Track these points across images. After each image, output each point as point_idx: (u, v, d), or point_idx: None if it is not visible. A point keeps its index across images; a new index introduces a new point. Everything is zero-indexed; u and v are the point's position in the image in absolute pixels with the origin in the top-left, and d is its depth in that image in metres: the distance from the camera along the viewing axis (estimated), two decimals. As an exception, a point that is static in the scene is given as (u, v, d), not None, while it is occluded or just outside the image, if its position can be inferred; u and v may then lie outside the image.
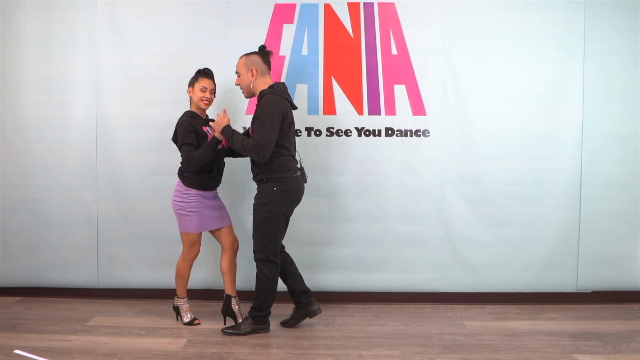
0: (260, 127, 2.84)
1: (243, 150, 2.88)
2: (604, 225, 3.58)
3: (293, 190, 3.00)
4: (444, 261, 3.60)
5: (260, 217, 2.95)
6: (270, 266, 2.98)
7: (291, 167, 3.00)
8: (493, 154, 3.56)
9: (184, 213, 3.08)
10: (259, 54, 3.03)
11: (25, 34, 3.59)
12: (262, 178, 2.96)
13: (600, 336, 3.05)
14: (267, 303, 3.03)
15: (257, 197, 3.00)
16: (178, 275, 3.18)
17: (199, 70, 3.15)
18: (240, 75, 3.02)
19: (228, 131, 2.94)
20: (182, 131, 3.03)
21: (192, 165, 3.00)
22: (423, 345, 2.91)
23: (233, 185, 3.59)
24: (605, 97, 3.55)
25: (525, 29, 3.52)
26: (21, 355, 2.72)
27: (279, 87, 3.01)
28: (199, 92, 3.10)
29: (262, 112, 2.86)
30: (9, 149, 3.64)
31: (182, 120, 3.07)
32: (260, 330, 3.06)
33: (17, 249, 3.65)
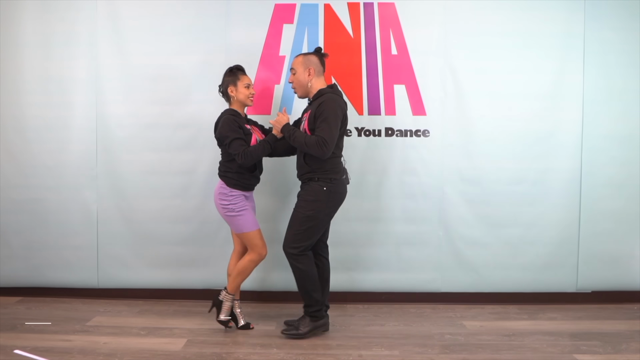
0: (324, 124, 2.85)
1: (305, 146, 2.86)
2: (604, 225, 3.58)
3: (339, 192, 3.00)
4: (444, 261, 3.60)
5: (303, 213, 2.93)
6: (302, 259, 2.95)
7: (341, 169, 3.02)
8: (493, 154, 3.56)
9: (234, 214, 3.00)
10: (316, 55, 3.03)
11: (25, 34, 3.59)
12: (313, 177, 2.94)
13: (600, 336, 3.05)
14: (314, 296, 2.98)
15: (303, 194, 2.98)
16: (239, 273, 3.04)
17: (236, 69, 3.09)
18: (297, 73, 3.00)
19: (289, 128, 2.95)
20: (228, 128, 2.95)
21: (247, 159, 2.93)
22: (423, 345, 2.91)
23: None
24: (605, 97, 3.55)
25: (525, 29, 3.53)
26: (21, 355, 2.72)
27: (337, 88, 3.06)
28: (245, 90, 3.05)
29: (326, 110, 2.86)
30: (9, 149, 3.64)
31: (226, 118, 2.99)
32: (319, 328, 3.02)
33: (17, 249, 3.65)
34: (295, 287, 3.37)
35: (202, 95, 3.56)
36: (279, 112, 3.06)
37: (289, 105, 3.55)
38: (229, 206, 3.00)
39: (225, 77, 3.09)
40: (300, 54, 3.07)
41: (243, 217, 3.01)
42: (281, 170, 3.52)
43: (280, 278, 3.58)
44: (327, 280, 3.14)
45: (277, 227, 3.50)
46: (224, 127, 2.97)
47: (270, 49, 3.53)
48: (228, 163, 3.04)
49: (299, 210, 2.96)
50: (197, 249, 3.61)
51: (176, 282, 3.63)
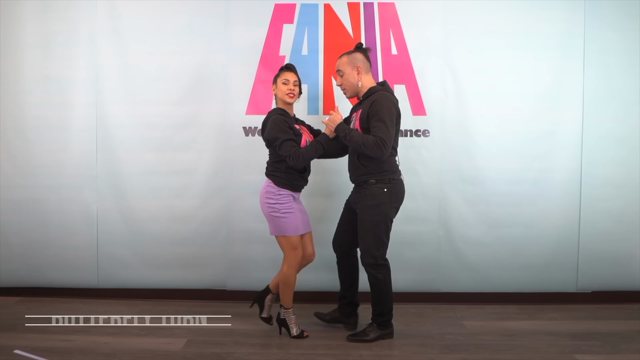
0: (380, 123, 2.75)
1: (363, 147, 2.76)
2: (604, 225, 3.58)
3: (400, 192, 2.94)
4: (444, 261, 3.60)
5: (371, 219, 2.85)
6: (381, 269, 2.90)
7: (398, 169, 2.96)
8: (493, 154, 3.56)
9: (279, 215, 2.89)
10: (360, 52, 2.95)
11: (25, 34, 3.58)
12: (369, 179, 2.86)
13: (601, 336, 3.05)
14: (388, 307, 2.96)
15: (363, 199, 2.88)
16: (284, 285, 2.94)
17: (284, 66, 3.02)
18: (345, 74, 2.92)
19: (344, 127, 2.85)
20: (278, 128, 2.84)
21: (299, 161, 2.84)
22: (423, 345, 2.91)
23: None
24: (605, 97, 3.55)
25: (525, 29, 3.52)
26: (21, 355, 2.72)
27: (388, 85, 2.98)
28: (282, 86, 2.93)
29: (380, 109, 2.77)
30: (9, 149, 3.64)
31: (275, 117, 2.88)
32: (386, 336, 2.98)
33: (17, 249, 3.65)
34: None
35: (202, 95, 3.56)
36: (332, 111, 2.98)
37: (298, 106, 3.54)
38: (275, 205, 2.90)
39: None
40: (343, 54, 2.98)
41: (287, 220, 2.90)
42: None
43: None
44: (357, 278, 3.12)
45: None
46: (273, 128, 2.86)
47: (270, 49, 3.53)
48: (277, 164, 2.95)
49: (366, 217, 2.87)
50: (197, 249, 3.60)
51: (176, 282, 3.63)
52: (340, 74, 2.96)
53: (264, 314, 3.12)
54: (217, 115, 3.56)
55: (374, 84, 2.95)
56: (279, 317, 3.04)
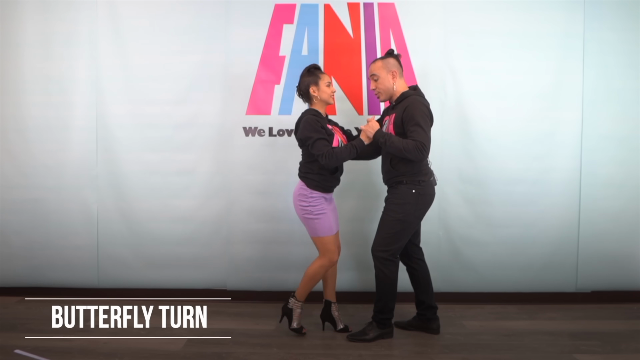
0: (417, 127, 2.80)
1: (404, 151, 2.79)
2: (604, 225, 3.58)
3: (429, 194, 2.96)
4: (444, 261, 3.60)
5: (392, 217, 2.90)
6: (389, 265, 2.93)
7: (429, 171, 2.98)
8: (493, 154, 3.56)
9: (312, 217, 2.93)
10: (393, 57, 3.00)
11: (25, 34, 3.59)
12: (401, 180, 2.90)
13: (600, 336, 3.05)
14: (389, 305, 2.97)
15: (391, 198, 2.95)
16: (309, 279, 2.98)
17: (314, 68, 3.02)
18: (380, 79, 2.95)
19: (383, 134, 2.87)
20: (311, 127, 2.87)
21: (331, 160, 2.86)
22: (423, 345, 2.91)
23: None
24: (604, 97, 3.55)
25: (525, 29, 3.53)
26: (21, 355, 2.72)
27: (419, 89, 3.02)
28: (327, 89, 2.97)
29: (416, 113, 2.82)
30: (9, 149, 3.64)
31: (308, 117, 2.91)
32: (385, 335, 2.99)
33: (17, 249, 3.65)
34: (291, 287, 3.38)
35: (202, 95, 3.56)
36: (369, 117, 3.00)
37: (288, 106, 3.55)
38: (308, 208, 2.94)
39: (304, 78, 3.01)
40: (376, 59, 3.02)
41: (320, 221, 2.93)
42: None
43: (275, 278, 3.59)
44: (429, 281, 3.12)
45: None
46: (306, 128, 2.89)
47: (270, 49, 3.53)
48: (309, 164, 2.97)
49: (388, 213, 2.93)
50: (197, 249, 3.61)
51: (176, 282, 3.63)
52: (374, 79, 2.98)
53: (340, 326, 3.10)
54: (217, 115, 3.56)
55: (407, 89, 2.99)
56: (286, 306, 3.05)
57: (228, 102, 3.54)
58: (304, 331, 3.05)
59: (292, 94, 3.52)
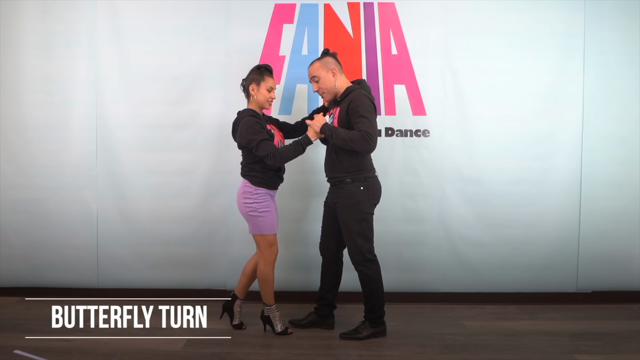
0: (362, 118, 2.80)
1: (350, 142, 2.80)
2: (604, 225, 3.58)
3: (377, 188, 3.00)
4: (444, 261, 3.60)
5: (352, 218, 2.90)
6: (370, 265, 2.94)
7: (372, 166, 3.01)
8: (493, 154, 3.56)
9: (256, 214, 2.93)
10: (329, 56, 3.00)
11: (25, 34, 3.59)
12: (345, 178, 2.91)
13: (601, 336, 3.05)
14: (379, 303, 2.98)
15: (341, 199, 2.93)
16: (263, 282, 2.99)
17: (264, 68, 3.01)
18: (321, 79, 2.95)
19: (329, 127, 2.88)
20: (252, 130, 2.87)
21: (277, 160, 2.87)
22: (423, 345, 2.91)
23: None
24: (605, 97, 3.55)
25: (526, 28, 3.52)
26: (21, 355, 2.72)
27: (365, 84, 3.03)
28: (266, 93, 2.97)
29: (360, 106, 2.82)
30: (9, 149, 3.64)
31: (247, 119, 2.90)
32: (378, 334, 3.00)
33: (17, 249, 3.65)
34: (292, 287, 3.40)
35: (202, 95, 3.56)
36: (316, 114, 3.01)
37: (288, 105, 3.55)
38: (253, 205, 2.93)
39: (251, 74, 3.02)
40: (313, 61, 3.01)
41: (264, 219, 2.94)
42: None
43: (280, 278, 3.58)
44: (339, 281, 3.16)
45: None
46: (248, 131, 2.87)
47: (270, 49, 3.53)
48: (251, 165, 2.97)
49: (346, 217, 2.92)
50: (197, 249, 3.61)
51: (176, 282, 3.63)
52: (315, 80, 2.98)
53: (235, 322, 3.13)
54: (217, 115, 3.56)
55: (350, 84, 2.99)
56: (263, 315, 3.08)
57: (228, 102, 3.53)
58: (290, 331, 3.08)
59: (292, 94, 3.52)
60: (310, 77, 3.00)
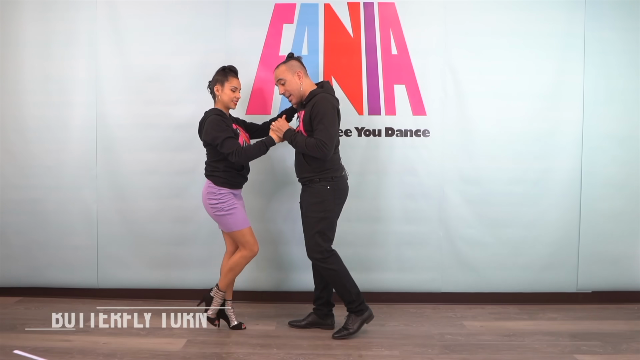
0: (320, 125, 2.87)
1: (307, 149, 2.90)
2: (604, 225, 3.58)
3: (343, 188, 3.04)
4: (444, 261, 3.60)
5: (315, 216, 2.95)
6: (331, 259, 2.96)
7: (340, 166, 3.06)
8: (493, 154, 3.56)
9: (224, 213, 2.98)
10: (294, 59, 3.04)
11: (25, 34, 3.58)
12: (314, 178, 2.97)
13: (601, 336, 3.05)
14: (354, 292, 3.00)
15: (308, 198, 2.99)
16: (231, 269, 3.03)
17: (228, 69, 3.08)
18: (287, 82, 2.99)
19: (290, 133, 2.97)
20: (217, 128, 2.92)
21: (241, 158, 2.92)
22: (423, 346, 2.91)
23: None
24: (605, 97, 3.55)
25: (526, 28, 3.52)
26: (21, 356, 2.72)
27: (328, 85, 3.06)
28: (230, 92, 3.04)
29: (321, 111, 2.88)
30: (9, 149, 3.64)
31: (213, 118, 2.96)
32: (367, 320, 3.03)
33: (17, 249, 3.65)
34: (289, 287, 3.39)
35: (202, 95, 3.52)
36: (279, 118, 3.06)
37: (288, 105, 3.53)
38: (218, 205, 2.98)
39: (215, 75, 3.09)
40: (279, 65, 3.04)
41: (233, 216, 2.99)
42: (272, 171, 3.54)
43: (274, 278, 3.59)
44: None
45: (268, 227, 3.55)
46: (213, 128, 2.94)
47: (270, 49, 3.53)
48: (215, 163, 3.02)
49: (310, 214, 2.97)
50: (197, 249, 3.60)
51: (176, 282, 3.63)
52: (281, 83, 3.02)
53: (233, 323, 3.14)
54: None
55: (315, 87, 3.03)
56: (208, 293, 3.10)
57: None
58: (216, 323, 3.10)
59: (292, 94, 3.53)
60: (277, 80, 3.04)
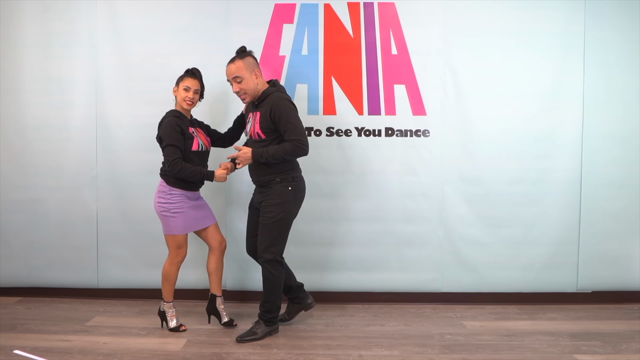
0: (289, 125, 2.82)
1: (285, 156, 2.83)
2: (604, 225, 3.58)
3: (302, 189, 3.02)
4: (444, 261, 3.60)
5: (274, 217, 2.90)
6: (277, 266, 2.95)
7: (298, 166, 3.03)
8: (493, 154, 3.56)
9: (168, 215, 2.98)
10: (249, 55, 2.95)
11: (25, 34, 3.59)
12: (274, 179, 2.92)
13: (601, 336, 3.05)
14: (277, 304, 3.01)
15: (268, 198, 2.93)
16: (165, 280, 3.06)
17: (188, 70, 3.09)
18: (244, 80, 2.88)
19: (259, 152, 2.87)
20: (168, 131, 2.92)
21: (174, 170, 2.90)
22: (423, 346, 2.91)
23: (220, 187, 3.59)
24: (605, 97, 3.54)
25: (526, 28, 3.52)
26: (21, 356, 2.72)
27: (279, 84, 3.03)
28: (182, 92, 3.02)
29: (284, 111, 2.83)
30: (9, 149, 3.64)
31: (169, 120, 2.96)
32: (272, 332, 3.03)
33: (17, 249, 3.65)
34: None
35: (202, 95, 3.55)
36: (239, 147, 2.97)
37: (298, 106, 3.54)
38: (165, 205, 2.97)
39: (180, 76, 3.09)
40: (234, 60, 2.91)
41: (175, 219, 2.98)
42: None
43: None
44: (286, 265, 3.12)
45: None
46: (163, 131, 2.94)
47: (270, 49, 3.53)
48: None
49: (269, 215, 2.91)
50: (196, 249, 3.60)
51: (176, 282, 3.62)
52: (237, 80, 2.89)
53: (224, 320, 3.15)
54: (217, 115, 3.56)
55: (267, 86, 2.98)
56: (160, 310, 3.13)
57: (228, 102, 3.54)
58: (182, 328, 3.10)
59: (291, 94, 3.52)
60: (232, 77, 2.90)
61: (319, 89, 3.55)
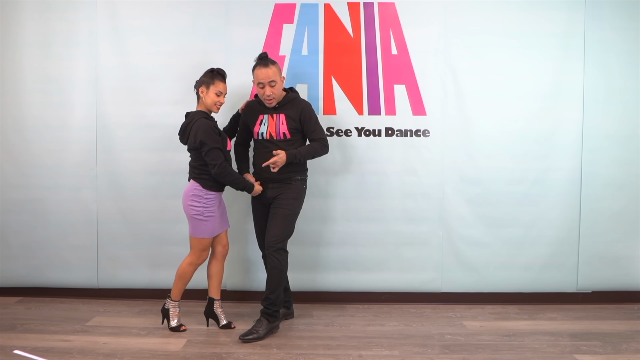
0: (317, 125, 3.10)
1: (315, 154, 3.10)
2: (604, 225, 3.58)
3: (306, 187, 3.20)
4: (444, 261, 3.60)
5: (291, 211, 3.05)
6: (286, 256, 3.04)
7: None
8: (493, 154, 3.56)
9: (201, 218, 2.97)
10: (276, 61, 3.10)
11: (25, 34, 3.58)
12: (294, 176, 3.08)
13: (601, 336, 3.05)
14: (281, 297, 3.04)
15: (287, 192, 3.06)
16: (179, 278, 3.06)
17: (216, 72, 3.05)
18: (277, 84, 3.00)
19: (293, 154, 3.01)
20: (210, 134, 2.89)
21: (222, 174, 2.92)
22: (423, 346, 2.91)
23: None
24: (605, 97, 3.55)
25: (526, 28, 3.52)
26: (21, 356, 2.72)
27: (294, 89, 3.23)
28: (214, 96, 3.01)
29: (313, 114, 3.11)
30: (9, 149, 3.64)
31: (205, 123, 2.92)
32: (274, 330, 3.04)
33: (17, 249, 3.65)
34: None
35: (202, 95, 3.55)
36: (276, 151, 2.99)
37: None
38: (200, 208, 2.97)
39: (203, 76, 3.06)
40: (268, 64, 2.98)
41: (207, 223, 2.99)
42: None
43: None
44: None
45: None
46: (206, 134, 2.89)
47: (270, 49, 3.52)
48: (203, 166, 2.98)
49: (286, 208, 3.04)
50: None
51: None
52: (272, 85, 2.99)
53: (222, 322, 3.14)
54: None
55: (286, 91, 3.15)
56: (164, 307, 3.13)
57: (228, 101, 3.53)
58: (183, 328, 3.10)
59: (292, 94, 3.53)
60: (267, 81, 2.98)
61: (319, 89, 3.55)
